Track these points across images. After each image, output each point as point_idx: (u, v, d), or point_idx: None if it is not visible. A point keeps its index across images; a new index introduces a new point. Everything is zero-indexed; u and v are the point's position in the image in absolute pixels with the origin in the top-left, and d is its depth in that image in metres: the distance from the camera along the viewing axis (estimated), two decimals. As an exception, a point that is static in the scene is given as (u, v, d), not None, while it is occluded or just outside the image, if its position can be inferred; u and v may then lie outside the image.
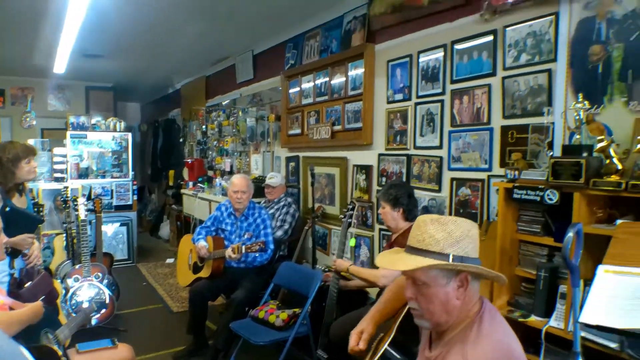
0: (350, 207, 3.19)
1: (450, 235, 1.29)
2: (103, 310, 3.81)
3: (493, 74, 2.80)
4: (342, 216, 3.23)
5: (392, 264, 1.36)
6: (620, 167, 1.97)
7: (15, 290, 2.59)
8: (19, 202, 2.92)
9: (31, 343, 1.91)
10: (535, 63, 2.58)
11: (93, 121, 6.74)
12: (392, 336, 1.64)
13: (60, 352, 1.96)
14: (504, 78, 2.74)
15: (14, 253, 2.73)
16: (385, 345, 1.59)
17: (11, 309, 1.96)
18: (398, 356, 1.58)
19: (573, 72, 2.38)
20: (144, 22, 4.70)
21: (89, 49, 5.69)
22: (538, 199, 2.19)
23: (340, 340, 2.49)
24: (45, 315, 2.02)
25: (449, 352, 1.28)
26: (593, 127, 2.18)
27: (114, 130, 6.81)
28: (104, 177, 6.69)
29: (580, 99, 2.19)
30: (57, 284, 3.48)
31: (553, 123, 2.43)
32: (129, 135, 6.92)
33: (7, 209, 2.63)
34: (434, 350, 1.36)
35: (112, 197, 6.65)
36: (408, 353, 1.57)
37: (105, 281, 4.06)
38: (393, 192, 2.80)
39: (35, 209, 3.19)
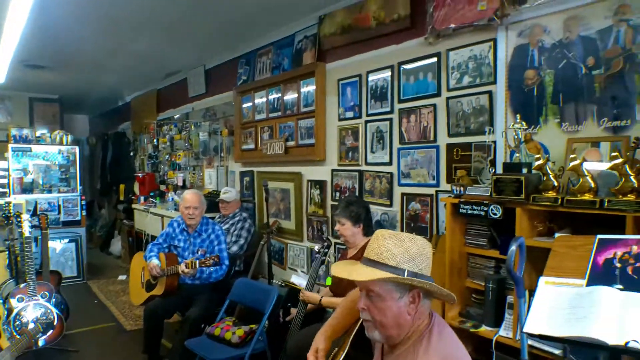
0: (326, 244, 3.05)
1: (407, 251, 1.35)
2: (50, 332, 3.66)
3: (438, 94, 2.95)
4: (316, 252, 3.09)
5: (349, 274, 1.40)
6: (556, 183, 2.11)
7: None
8: None
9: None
10: (476, 85, 2.74)
11: (38, 134, 6.48)
12: (345, 351, 1.69)
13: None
14: (448, 98, 2.88)
15: None
16: None
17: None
18: None
19: (511, 94, 2.54)
20: (88, 37, 4.60)
21: (30, 59, 5.47)
22: (483, 213, 2.31)
23: (297, 356, 2.52)
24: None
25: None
26: (531, 146, 2.35)
27: (61, 143, 6.57)
28: (50, 191, 6.43)
29: (518, 120, 2.34)
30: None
31: (494, 141, 2.58)
32: (77, 149, 6.69)
33: None
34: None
35: (59, 213, 6.40)
36: None
37: (53, 300, 3.91)
38: (354, 209, 2.82)
39: None
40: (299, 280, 3.59)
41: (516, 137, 2.31)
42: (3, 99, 7.86)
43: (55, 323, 3.67)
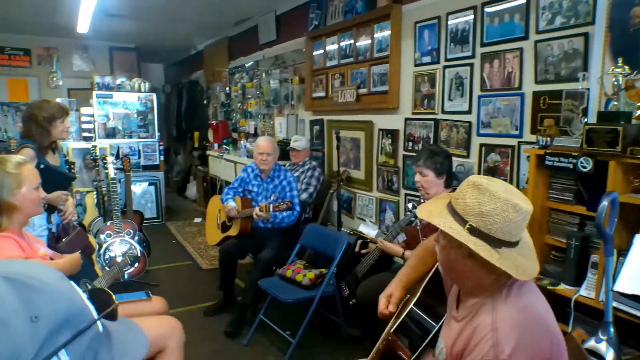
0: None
1: (480, 206, 1.24)
2: (136, 265, 3.97)
3: (525, 37, 2.73)
4: (409, 209, 2.99)
5: (428, 216, 1.35)
6: (660, 135, 1.93)
7: (53, 244, 2.78)
8: (53, 159, 3.01)
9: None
10: (571, 26, 2.49)
11: (118, 81, 6.80)
12: (417, 296, 1.68)
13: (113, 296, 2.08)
14: (536, 42, 2.66)
15: (50, 209, 2.88)
16: (411, 305, 1.63)
17: (51, 259, 2.07)
18: (423, 315, 1.62)
19: (612, 35, 2.29)
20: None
21: (111, 8, 5.66)
22: (571, 166, 2.17)
23: (367, 302, 2.56)
24: (83, 266, 2.13)
25: (477, 314, 1.29)
26: (632, 94, 2.13)
27: (139, 90, 6.87)
28: (130, 137, 6.80)
29: (619, 64, 2.12)
30: (92, 239, 3.64)
31: (588, 89, 2.37)
32: (154, 96, 6.98)
33: (42, 166, 2.76)
34: (461, 310, 1.38)
35: (139, 157, 6.78)
36: (433, 314, 1.61)
37: (136, 238, 4.22)
38: (439, 159, 2.66)
39: (67, 167, 3.29)
40: (367, 229, 3.61)
41: (615, 83, 2.10)
42: (87, 49, 8.26)
43: (139, 258, 3.97)
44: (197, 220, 6.87)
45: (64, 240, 2.81)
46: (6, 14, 6.20)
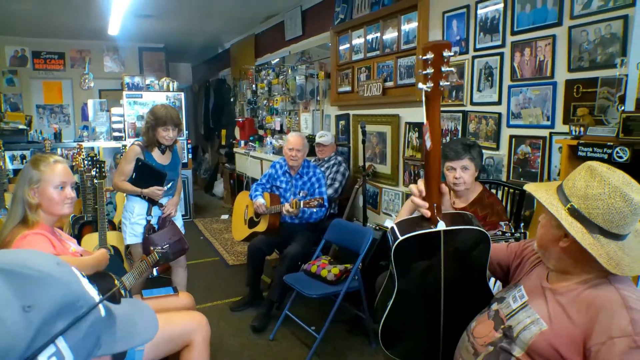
0: None
1: (587, 188, 1.21)
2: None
3: (559, 23, 2.62)
4: None
5: (535, 189, 1.35)
6: (703, 122, 1.82)
7: (147, 234, 3.10)
8: (160, 158, 3.17)
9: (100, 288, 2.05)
10: (608, 9, 2.38)
11: (147, 81, 6.91)
12: None
13: (122, 293, 2.10)
14: (570, 28, 2.55)
15: (150, 202, 3.13)
16: None
17: (81, 256, 2.10)
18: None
19: (653, 17, 2.17)
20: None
21: (140, 9, 5.77)
22: (606, 156, 2.07)
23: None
24: (111, 263, 2.16)
25: (594, 289, 1.22)
26: (673, 79, 2.02)
27: (168, 90, 6.95)
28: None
29: (659, 48, 2.01)
30: (120, 235, 3.70)
31: (627, 75, 2.25)
32: (182, 95, 7.06)
33: (140, 163, 3.03)
34: (561, 284, 1.31)
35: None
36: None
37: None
38: (477, 150, 2.52)
39: (97, 166, 3.37)
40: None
41: (656, 68, 1.99)
42: (117, 50, 8.44)
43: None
44: (224, 217, 6.93)
45: (157, 232, 3.11)
46: (43, 19, 6.40)
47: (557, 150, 2.65)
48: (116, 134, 6.56)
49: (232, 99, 8.52)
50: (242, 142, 6.84)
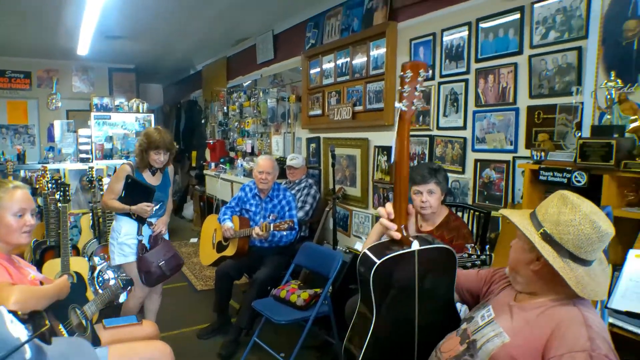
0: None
1: (559, 214, 1.28)
2: (130, 288, 3.89)
3: (519, 52, 2.72)
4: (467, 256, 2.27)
5: (510, 213, 1.42)
6: (654, 148, 1.90)
7: (141, 254, 3.07)
8: (151, 179, 3.17)
9: (60, 317, 1.97)
10: (564, 40, 2.49)
11: (116, 102, 6.82)
12: None
13: (84, 323, 2.03)
14: (530, 56, 2.66)
15: (139, 220, 3.10)
16: None
17: (41, 283, 2.02)
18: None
19: (605, 49, 2.28)
20: (163, 3, 4.69)
21: (110, 30, 5.72)
22: (565, 180, 2.13)
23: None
24: (73, 291, 2.08)
25: (557, 308, 1.28)
26: (626, 107, 2.11)
27: (137, 111, 6.87)
28: (127, 157, 6.78)
29: (612, 77, 2.11)
30: (84, 261, 3.59)
31: (582, 103, 2.35)
32: (152, 116, 6.99)
33: (129, 180, 3.03)
34: (528, 303, 1.36)
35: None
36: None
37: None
38: (443, 174, 2.56)
39: (61, 189, 3.31)
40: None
41: (608, 96, 2.09)
42: (86, 70, 8.32)
43: (132, 281, 3.89)
44: (193, 240, 6.81)
45: (151, 250, 3.09)
46: (8, 37, 6.27)
47: (520, 174, 2.72)
48: (83, 155, 6.40)
49: (203, 121, 8.48)
50: (213, 164, 6.79)
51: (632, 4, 2.15)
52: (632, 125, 1.95)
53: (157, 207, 3.17)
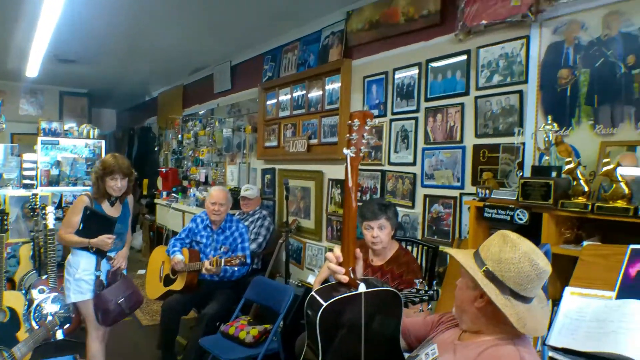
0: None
1: (500, 252, 1.32)
2: (67, 325, 3.68)
3: (466, 93, 2.85)
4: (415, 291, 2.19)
5: (455, 253, 1.45)
6: (586, 189, 2.00)
7: (98, 291, 2.89)
8: (110, 210, 3.03)
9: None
10: (507, 84, 2.63)
11: (66, 127, 6.59)
12: None
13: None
14: (476, 98, 2.78)
15: (98, 254, 2.93)
16: None
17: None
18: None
19: (543, 94, 2.43)
20: (119, 29, 4.63)
21: (62, 53, 5.59)
22: (508, 218, 2.22)
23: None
24: (2, 330, 1.95)
25: (498, 346, 1.31)
26: (562, 149, 2.23)
27: (88, 137, 6.67)
28: (75, 184, 6.53)
29: (549, 121, 2.24)
30: (19, 295, 3.38)
31: (524, 143, 2.47)
32: (103, 143, 6.79)
33: (88, 212, 2.90)
34: (470, 340, 1.40)
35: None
36: None
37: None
38: (393, 210, 2.61)
39: (31, 217, 3.18)
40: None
41: (546, 139, 2.20)
42: (35, 93, 8.05)
43: (73, 316, 3.69)
44: (141, 272, 6.55)
45: (109, 286, 2.92)
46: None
47: (467, 209, 2.80)
48: (27, 181, 6.10)
49: (156, 148, 8.32)
50: (165, 193, 6.63)
51: (564, 54, 2.32)
52: (567, 166, 2.06)
53: (117, 239, 3.03)
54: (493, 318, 1.34)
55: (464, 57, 2.86)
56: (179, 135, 7.06)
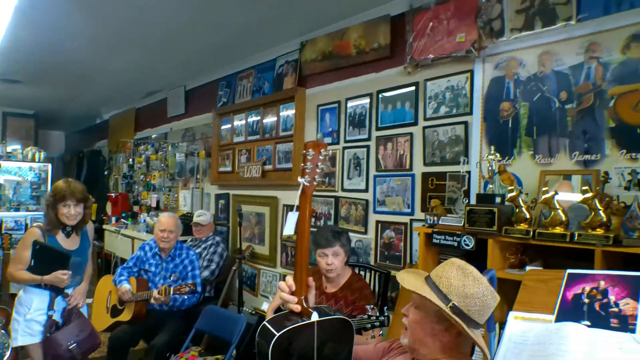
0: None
1: (464, 287, 1.34)
2: (6, 358, 3.46)
3: (415, 123, 2.96)
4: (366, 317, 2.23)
5: (415, 288, 1.41)
6: (528, 215, 2.11)
7: (49, 333, 2.63)
8: (66, 242, 2.78)
9: None
10: (453, 115, 2.75)
11: (9, 149, 6.32)
12: None
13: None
14: (424, 127, 2.89)
15: (53, 291, 2.69)
16: None
17: None
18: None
19: (487, 125, 2.56)
20: (65, 52, 4.52)
21: (5, 73, 5.38)
22: (455, 244, 2.29)
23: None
24: None
25: None
26: (504, 177, 2.35)
27: (33, 160, 6.41)
28: (17, 209, 6.23)
29: (492, 151, 2.36)
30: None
31: (469, 172, 2.58)
32: (49, 167, 6.55)
33: (37, 246, 2.63)
34: None
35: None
36: None
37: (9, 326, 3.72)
38: (346, 237, 2.65)
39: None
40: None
41: (490, 168, 2.32)
42: (-24, 113, 7.68)
43: (9, 351, 3.47)
44: (89, 300, 6.27)
45: (62, 329, 2.66)
46: None
47: (417, 235, 2.87)
48: (-37, 206, 5.79)
49: (106, 172, 8.07)
50: (114, 219, 6.41)
51: (506, 88, 2.46)
52: (510, 194, 2.17)
53: (75, 274, 2.80)
54: (453, 349, 1.39)
55: (413, 88, 2.97)
56: (130, 159, 6.89)
